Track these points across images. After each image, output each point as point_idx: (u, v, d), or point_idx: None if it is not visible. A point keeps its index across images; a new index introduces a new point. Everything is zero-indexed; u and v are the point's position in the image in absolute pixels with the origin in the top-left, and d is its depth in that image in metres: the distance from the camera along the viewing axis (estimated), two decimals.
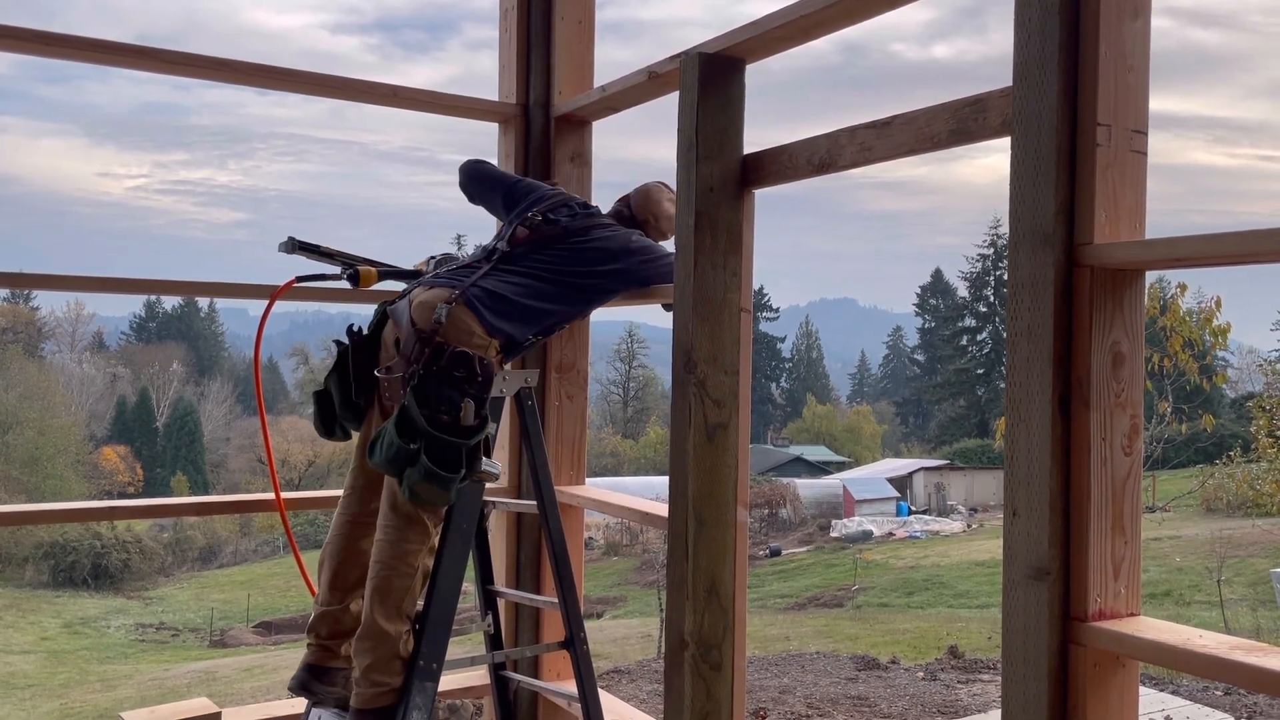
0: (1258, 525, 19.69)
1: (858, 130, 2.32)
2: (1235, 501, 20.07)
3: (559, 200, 2.96)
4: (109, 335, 72.42)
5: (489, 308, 2.64)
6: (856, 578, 24.83)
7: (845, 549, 29.27)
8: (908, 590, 22.89)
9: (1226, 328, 14.45)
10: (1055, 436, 1.73)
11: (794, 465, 48.41)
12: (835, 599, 23.13)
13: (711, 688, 2.59)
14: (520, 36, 3.46)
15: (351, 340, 2.75)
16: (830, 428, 60.84)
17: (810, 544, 31.64)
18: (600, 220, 2.93)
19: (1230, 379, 40.16)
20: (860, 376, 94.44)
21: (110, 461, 44.46)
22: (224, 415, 56.84)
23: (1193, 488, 22.32)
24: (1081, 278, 1.73)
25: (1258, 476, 16.06)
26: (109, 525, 33.47)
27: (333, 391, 2.74)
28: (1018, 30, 1.81)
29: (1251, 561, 20.62)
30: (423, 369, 2.52)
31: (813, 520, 35.25)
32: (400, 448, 2.43)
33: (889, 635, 15.65)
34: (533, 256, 2.79)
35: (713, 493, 2.61)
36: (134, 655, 23.10)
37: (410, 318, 2.62)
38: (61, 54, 2.94)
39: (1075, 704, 1.72)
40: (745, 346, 2.68)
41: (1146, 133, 1.78)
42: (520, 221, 2.86)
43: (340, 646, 2.69)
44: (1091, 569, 1.72)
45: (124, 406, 53.84)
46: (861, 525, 32.70)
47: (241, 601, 28.17)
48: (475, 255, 2.89)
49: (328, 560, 2.74)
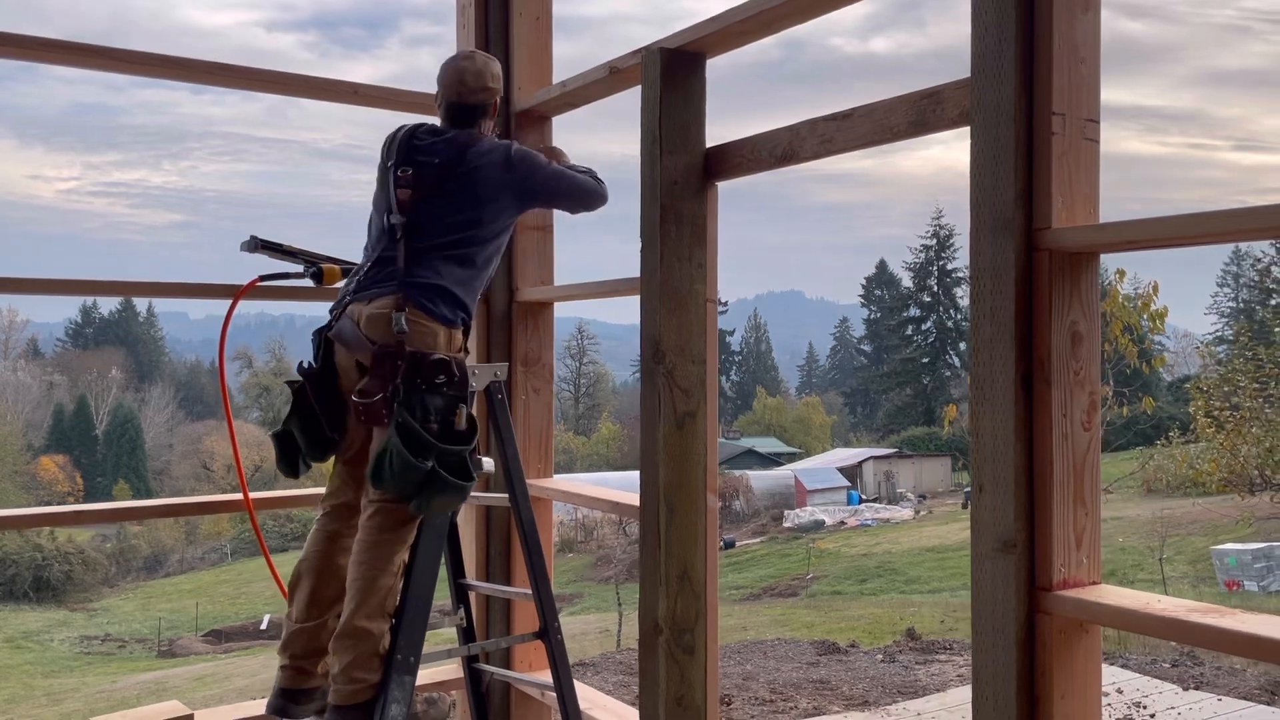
0: (1197, 504, 20.27)
1: (818, 123, 2.38)
2: (1175, 482, 20.63)
3: (411, 143, 2.78)
4: (44, 342, 70.63)
5: (433, 299, 2.62)
6: (810, 567, 25.13)
7: (798, 539, 29.58)
8: (861, 578, 23.22)
9: (1163, 312, 14.86)
10: (1019, 414, 1.80)
11: (746, 458, 48.77)
12: (790, 588, 23.40)
13: (685, 670, 2.64)
14: (479, 33, 3.47)
15: (307, 376, 2.68)
16: (780, 419, 61.38)
17: (764, 535, 31.93)
18: (463, 139, 2.78)
19: (1167, 362, 41.18)
20: (809, 368, 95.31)
21: (49, 471, 43.41)
22: (166, 421, 55.74)
23: (1133, 470, 22.91)
24: (1041, 261, 1.81)
25: (1196, 456, 16.53)
26: (50, 536, 32.68)
27: (296, 434, 2.66)
28: (975, 24, 1.87)
29: (1191, 540, 21.24)
30: (405, 383, 2.51)
31: (766, 511, 35.57)
32: (414, 467, 2.44)
33: (845, 622, 15.87)
34: (434, 218, 2.69)
35: (683, 481, 2.66)
36: (80, 668, 22.61)
37: (366, 336, 2.59)
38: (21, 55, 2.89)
39: (1043, 669, 1.79)
40: (712, 336, 2.73)
41: (1099, 121, 1.86)
42: (396, 185, 2.73)
43: (315, 665, 2.65)
44: (1055, 540, 1.79)
45: (61, 415, 52.55)
46: (814, 515, 33.08)
47: (190, 610, 27.68)
48: (377, 239, 2.76)
49: (305, 576, 2.68)
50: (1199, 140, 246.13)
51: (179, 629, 26.13)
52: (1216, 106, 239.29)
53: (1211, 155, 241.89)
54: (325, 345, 2.69)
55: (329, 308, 2.77)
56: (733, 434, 60.60)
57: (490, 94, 2.87)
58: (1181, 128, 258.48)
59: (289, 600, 2.70)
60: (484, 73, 2.84)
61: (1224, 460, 14.78)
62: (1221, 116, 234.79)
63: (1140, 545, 20.59)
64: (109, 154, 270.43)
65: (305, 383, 2.67)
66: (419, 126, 2.84)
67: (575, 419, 59.20)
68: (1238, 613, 1.64)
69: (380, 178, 2.80)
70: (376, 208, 2.81)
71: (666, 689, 2.62)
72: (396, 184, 2.72)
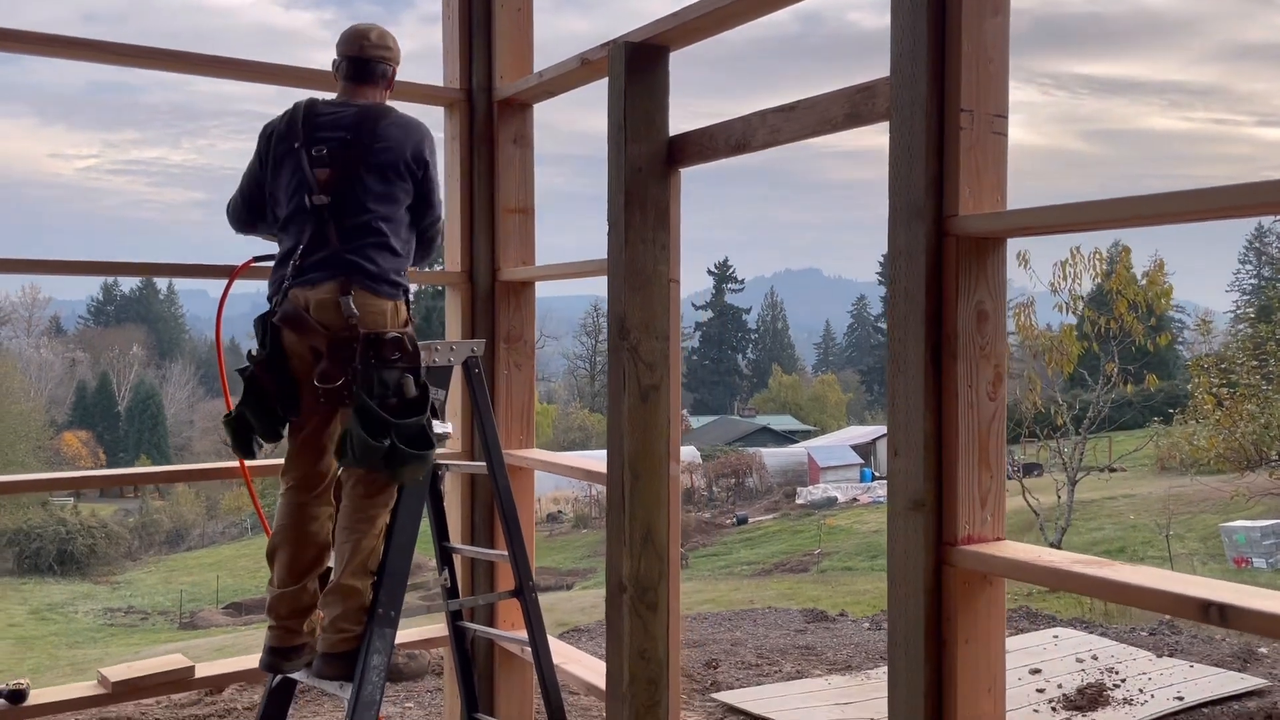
0: (1197, 481, 20.33)
1: (768, 114, 2.55)
2: (1187, 460, 20.67)
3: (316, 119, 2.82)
4: (66, 319, 71.50)
5: (374, 277, 2.73)
6: (821, 543, 25.32)
7: (810, 515, 29.78)
8: (872, 554, 23.39)
9: (1168, 290, 14.91)
10: (928, 385, 1.97)
11: (760, 435, 48.94)
12: (800, 564, 23.60)
13: (649, 626, 2.84)
14: (462, 23, 3.64)
15: (259, 364, 2.76)
16: (796, 397, 61.47)
17: (776, 511, 32.13)
18: (373, 112, 2.85)
19: (1186, 340, 40.94)
20: (825, 346, 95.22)
21: (72, 447, 44.08)
22: (186, 398, 56.46)
23: (1139, 445, 22.94)
24: (949, 246, 1.97)
25: (1194, 432, 16.58)
26: (74, 511, 33.28)
27: (250, 417, 2.76)
28: (893, 27, 2.03)
29: (1203, 518, 21.27)
30: (362, 364, 2.66)
31: (779, 488, 35.76)
32: (373, 447, 2.61)
33: (850, 596, 16.07)
34: (357, 195, 2.75)
35: (647, 450, 2.84)
36: (103, 639, 23.09)
37: (318, 321, 2.70)
38: (14, 49, 3.07)
39: (948, 616, 1.97)
40: (675, 314, 2.91)
41: (1006, 116, 2.02)
42: (313, 165, 2.76)
43: (300, 624, 2.84)
44: (961, 500, 1.97)
45: (84, 391, 53.33)
46: (826, 492, 33.24)
47: (210, 583, 28.18)
48: (297, 220, 2.78)
49: (281, 547, 2.84)
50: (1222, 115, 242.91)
51: (200, 601, 26.61)
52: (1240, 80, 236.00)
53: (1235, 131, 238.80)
54: (272, 331, 2.78)
55: (266, 294, 2.85)
56: (748, 412, 60.81)
57: (389, 56, 2.95)
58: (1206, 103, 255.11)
59: (270, 567, 2.89)
60: (387, 35, 2.97)
61: (1221, 437, 14.86)
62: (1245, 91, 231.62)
63: (1150, 523, 20.67)
64: (128, 132, 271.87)
65: (257, 370, 2.76)
66: (316, 102, 2.90)
67: (591, 396, 59.46)
68: (1116, 564, 1.82)
69: (283, 158, 2.82)
70: (284, 188, 2.82)
71: (630, 643, 2.81)
72: (313, 164, 2.76)
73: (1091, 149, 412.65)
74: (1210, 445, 15.61)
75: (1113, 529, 21.98)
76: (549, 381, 65.00)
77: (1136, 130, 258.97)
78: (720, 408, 66.59)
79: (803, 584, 19.58)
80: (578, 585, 23.12)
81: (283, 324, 2.75)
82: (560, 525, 32.25)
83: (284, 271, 2.79)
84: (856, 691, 5.24)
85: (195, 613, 25.36)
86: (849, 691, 5.25)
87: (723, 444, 44.71)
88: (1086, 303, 16.50)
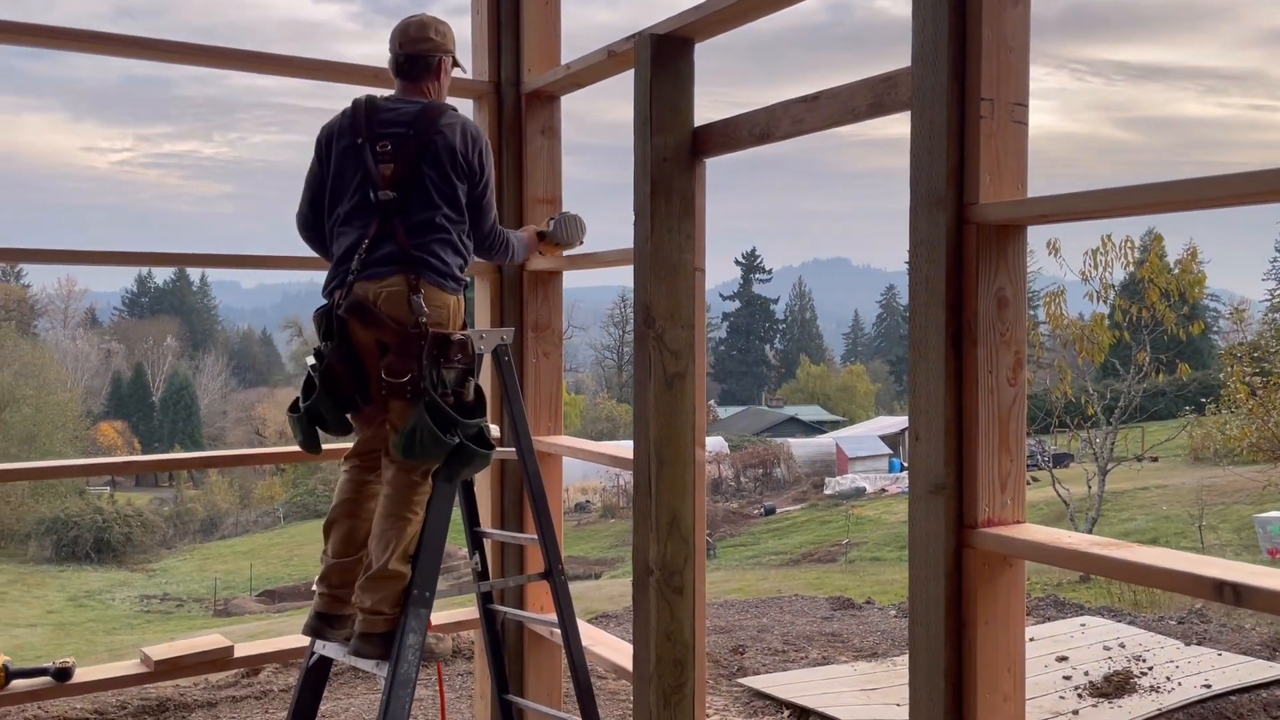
0: (1231, 471, 20.11)
1: (791, 104, 2.58)
2: (1220, 450, 20.46)
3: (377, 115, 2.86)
4: (101, 311, 72.44)
5: (442, 273, 2.81)
6: (849, 533, 25.28)
7: (838, 506, 29.74)
8: (900, 544, 23.30)
9: (1201, 278, 14.75)
10: (949, 370, 2.01)
11: (788, 425, 48.86)
12: (829, 554, 23.58)
13: (675, 609, 2.89)
14: (491, 17, 3.69)
15: (331, 358, 2.79)
16: (824, 388, 61.28)
17: (804, 502, 32.12)
18: (433, 110, 2.88)
19: (1221, 329, 40.38)
20: (854, 336, 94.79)
21: (108, 437, 44.77)
22: (219, 389, 57.14)
23: (1171, 435, 22.72)
24: (969, 233, 2.00)
25: (1227, 422, 16.41)
26: (110, 499, 33.83)
27: (325, 414, 2.82)
28: (914, 18, 2.06)
29: (1236, 508, 21.05)
30: (429, 360, 2.74)
31: (806, 479, 35.72)
32: (442, 442, 2.71)
33: (878, 585, 16.07)
34: (421, 190, 2.79)
35: (672, 435, 2.89)
36: (139, 626, 23.49)
37: (389, 315, 2.75)
38: (52, 44, 3.16)
39: (968, 598, 2.01)
40: (700, 303, 2.95)
41: (1027, 105, 2.04)
42: (377, 161, 2.81)
43: (349, 595, 2.92)
44: (980, 483, 2.00)
45: (119, 382, 54.11)
46: (854, 482, 33.17)
47: (244, 571, 28.58)
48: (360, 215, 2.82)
49: (341, 520, 2.95)
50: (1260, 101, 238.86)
51: (234, 589, 27.00)
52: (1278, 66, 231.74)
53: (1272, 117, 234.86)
54: (339, 324, 2.82)
55: (324, 287, 2.89)
56: (776, 402, 60.67)
57: (433, 45, 2.96)
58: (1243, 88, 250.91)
59: (326, 539, 3.00)
60: (427, 25, 2.98)
61: (1255, 426, 14.71)
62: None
63: (1183, 513, 20.48)
64: (160, 125, 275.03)
65: (332, 363, 2.80)
66: (375, 98, 2.94)
67: (619, 387, 59.56)
68: (1133, 546, 1.85)
69: (346, 152, 2.87)
70: (347, 183, 2.86)
71: (657, 625, 2.87)
72: (377, 159, 2.82)
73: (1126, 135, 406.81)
74: (1244, 435, 15.46)
75: (1144, 519, 21.81)
76: (577, 372, 65.18)
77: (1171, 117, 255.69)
78: (748, 398, 66.49)
79: (830, 574, 19.60)
80: (606, 574, 23.24)
81: (350, 316, 2.78)
82: (588, 515, 32.40)
83: (348, 265, 2.81)
84: (883, 678, 5.27)
85: (229, 600, 25.74)
86: (875, 678, 5.28)
87: (750, 434, 44.67)
88: (1118, 291, 16.35)
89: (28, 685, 3.07)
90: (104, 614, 25.14)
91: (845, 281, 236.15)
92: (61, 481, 31.73)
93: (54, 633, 22.58)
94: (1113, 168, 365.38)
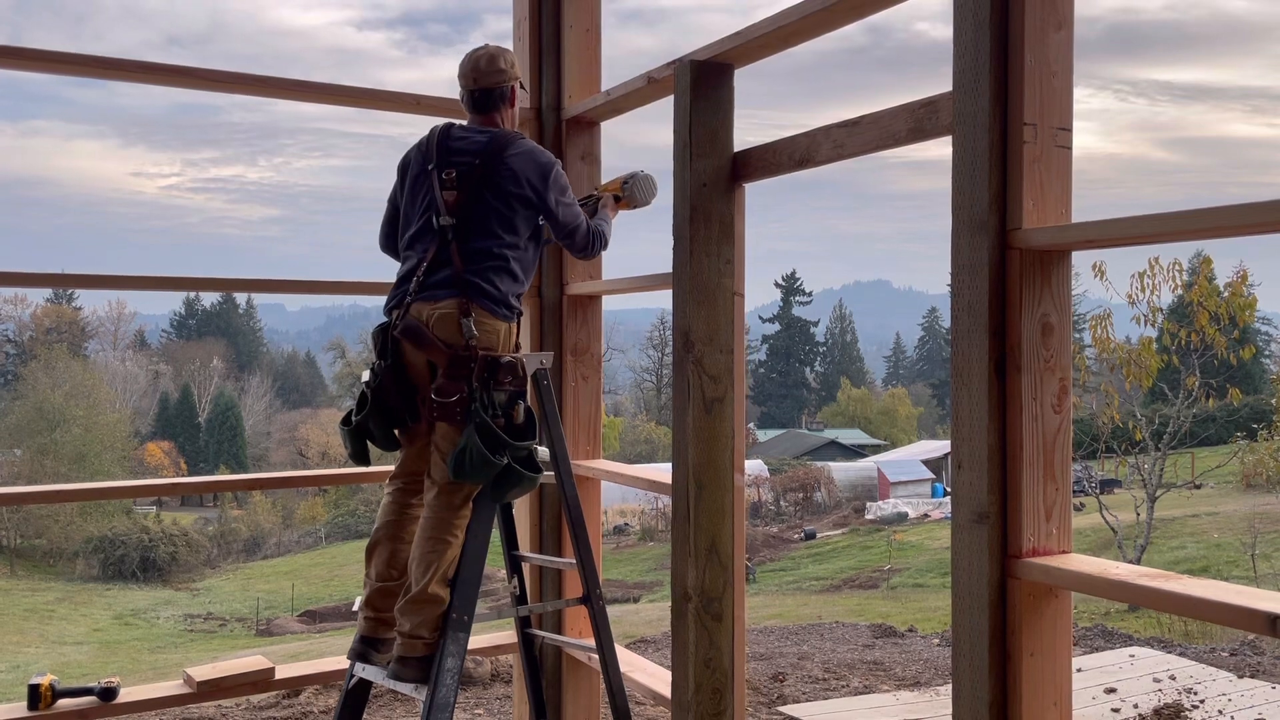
0: None
1: (831, 129, 2.58)
2: (1274, 477, 19.98)
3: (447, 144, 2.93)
4: (150, 333, 73.84)
5: (494, 298, 2.85)
6: (891, 559, 24.97)
7: (880, 531, 29.40)
8: (943, 571, 22.97)
9: (1252, 301, 14.44)
10: (992, 398, 1.98)
11: (829, 449, 48.49)
12: (870, 580, 23.30)
13: (714, 636, 2.87)
14: (533, 45, 3.73)
15: (383, 377, 2.87)
16: (865, 411, 60.79)
17: (845, 526, 31.79)
18: (501, 139, 2.93)
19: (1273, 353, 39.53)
20: (895, 359, 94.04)
21: (155, 457, 45.47)
22: (264, 410, 57.89)
23: (1221, 462, 22.22)
24: (1013, 259, 1.98)
25: (1278, 449, 16.04)
26: (156, 519, 34.32)
27: (373, 429, 2.90)
28: (956, 42, 2.05)
29: None
30: (478, 383, 2.78)
31: (847, 503, 35.38)
32: (492, 462, 2.74)
33: (921, 613, 15.85)
34: (481, 218, 2.85)
35: (711, 460, 2.88)
36: (184, 645, 23.74)
37: (438, 337, 2.81)
38: (106, 74, 3.24)
39: (1013, 629, 1.97)
40: (739, 327, 2.94)
41: (1071, 129, 2.02)
42: (442, 188, 2.88)
43: (393, 618, 2.93)
44: (1025, 513, 1.97)
45: (166, 403, 54.98)
46: (896, 507, 32.79)
47: (286, 591, 28.82)
48: (423, 239, 2.90)
49: (384, 543, 2.98)
50: None
51: (276, 609, 27.22)
52: None
53: None
54: (394, 343, 2.89)
55: (385, 306, 2.97)
56: (816, 425, 60.29)
57: (503, 76, 3.02)
58: None
59: (368, 562, 3.01)
60: (496, 57, 3.04)
61: None
62: None
63: (1235, 541, 20.00)
64: (207, 151, 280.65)
65: (385, 379, 2.88)
66: (451, 126, 3.03)
67: (658, 409, 59.50)
68: (1183, 578, 1.80)
69: (418, 179, 2.97)
70: (415, 207, 2.96)
71: (695, 652, 2.85)
72: (442, 186, 2.90)
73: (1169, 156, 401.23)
74: None
75: (1195, 547, 21.32)
76: (615, 394, 65.20)
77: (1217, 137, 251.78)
78: (788, 421, 66.13)
79: (872, 600, 19.35)
80: (644, 598, 23.13)
81: (403, 337, 2.85)
82: (626, 538, 32.31)
83: (407, 287, 2.89)
84: (925, 708, 5.19)
85: (271, 620, 25.94)
86: (917, 707, 5.20)
87: (790, 458, 44.40)
88: (1166, 315, 16.07)
89: (73, 705, 3.11)
90: (149, 632, 25.45)
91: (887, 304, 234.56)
92: (109, 501, 32.26)
93: (100, 650, 22.88)
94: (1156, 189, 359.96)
